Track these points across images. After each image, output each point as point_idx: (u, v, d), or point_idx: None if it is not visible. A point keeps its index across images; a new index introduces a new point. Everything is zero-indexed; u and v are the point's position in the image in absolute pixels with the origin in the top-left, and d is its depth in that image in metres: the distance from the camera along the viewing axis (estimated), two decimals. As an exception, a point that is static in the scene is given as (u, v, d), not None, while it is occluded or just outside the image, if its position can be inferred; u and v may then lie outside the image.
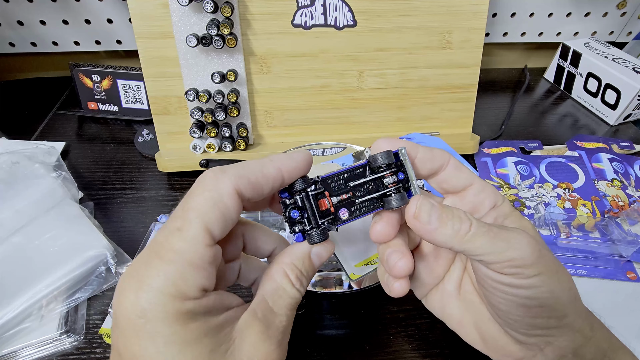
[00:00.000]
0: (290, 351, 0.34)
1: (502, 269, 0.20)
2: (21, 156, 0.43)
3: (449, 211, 0.21)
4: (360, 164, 0.22)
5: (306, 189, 0.21)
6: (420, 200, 0.21)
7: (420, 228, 0.21)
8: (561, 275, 0.21)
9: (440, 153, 0.23)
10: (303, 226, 0.22)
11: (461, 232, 0.20)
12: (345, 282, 0.35)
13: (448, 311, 0.26)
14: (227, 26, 0.42)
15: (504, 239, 0.20)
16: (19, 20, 0.60)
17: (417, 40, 0.49)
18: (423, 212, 0.21)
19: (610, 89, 0.60)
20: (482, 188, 0.23)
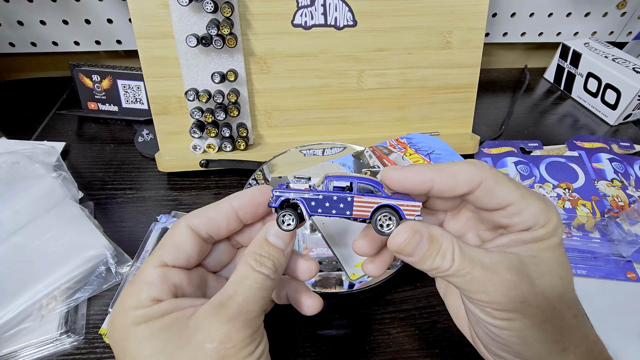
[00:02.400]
0: (291, 351, 0.34)
1: (477, 305, 0.21)
2: (21, 156, 0.43)
3: (436, 246, 0.21)
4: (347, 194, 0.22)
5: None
6: (408, 234, 0.21)
7: (402, 258, 0.22)
8: (548, 325, 0.20)
9: (467, 177, 0.21)
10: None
11: (439, 271, 0.21)
12: (345, 282, 0.35)
13: (448, 300, 0.27)
14: (227, 26, 0.42)
15: (481, 283, 0.20)
16: (19, 20, 0.60)
17: (417, 40, 0.49)
18: (408, 248, 0.21)
19: (610, 89, 0.60)
20: (520, 209, 0.21)
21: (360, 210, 0.22)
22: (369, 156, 0.45)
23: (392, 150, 0.46)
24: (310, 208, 0.22)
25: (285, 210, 0.22)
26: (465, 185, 0.21)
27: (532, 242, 0.21)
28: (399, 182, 0.22)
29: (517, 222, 0.21)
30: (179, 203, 0.47)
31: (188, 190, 0.49)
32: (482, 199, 0.21)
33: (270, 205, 0.22)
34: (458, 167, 0.21)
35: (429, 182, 0.22)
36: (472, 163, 0.21)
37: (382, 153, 0.46)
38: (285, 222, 0.22)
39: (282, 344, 0.35)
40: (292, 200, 0.22)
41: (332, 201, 0.21)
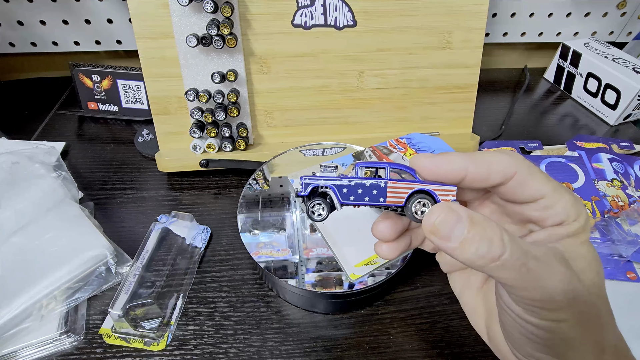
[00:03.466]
0: (291, 351, 0.34)
1: (521, 303, 0.18)
2: (21, 156, 0.43)
3: (479, 229, 0.18)
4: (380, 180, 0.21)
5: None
6: (443, 211, 0.18)
7: (437, 244, 0.19)
8: (591, 324, 0.19)
9: (501, 166, 0.20)
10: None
11: (486, 259, 0.17)
12: (345, 282, 0.35)
13: (465, 298, 0.25)
14: (227, 26, 0.42)
15: (536, 276, 0.17)
16: (19, 20, 0.60)
17: (417, 40, 0.49)
18: (443, 228, 0.18)
19: (610, 89, 0.60)
20: (553, 202, 0.20)
21: (394, 196, 0.20)
22: (369, 156, 0.45)
23: (392, 151, 0.46)
24: (342, 196, 0.20)
25: (315, 199, 0.20)
26: (500, 175, 0.20)
27: (568, 237, 0.20)
28: (431, 170, 0.21)
29: (548, 216, 0.20)
30: (179, 203, 0.47)
31: (188, 190, 0.49)
32: (514, 191, 0.20)
33: (299, 194, 0.21)
34: (492, 157, 0.20)
35: (462, 171, 0.20)
36: (506, 153, 0.20)
37: (382, 153, 0.46)
38: (316, 212, 0.20)
39: (282, 344, 0.35)
40: (322, 188, 0.20)
41: (364, 188, 0.20)
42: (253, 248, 0.37)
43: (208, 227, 0.44)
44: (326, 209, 0.20)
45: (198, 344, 0.35)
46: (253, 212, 0.40)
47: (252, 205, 0.41)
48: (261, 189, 0.43)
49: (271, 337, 0.35)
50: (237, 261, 0.41)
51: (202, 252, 0.41)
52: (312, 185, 0.20)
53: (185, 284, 0.38)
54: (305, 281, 0.35)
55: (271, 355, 0.34)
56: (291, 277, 0.35)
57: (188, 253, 0.41)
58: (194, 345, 0.35)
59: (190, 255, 0.40)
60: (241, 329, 0.36)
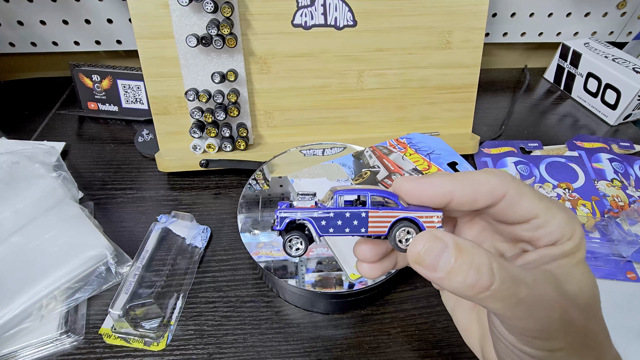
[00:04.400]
0: (291, 351, 0.34)
1: (516, 334, 0.18)
2: (21, 156, 0.43)
3: (467, 258, 0.17)
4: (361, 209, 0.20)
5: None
6: (428, 240, 0.18)
7: (423, 273, 0.18)
8: (588, 349, 0.18)
9: (489, 188, 0.19)
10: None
11: (474, 290, 0.16)
12: (345, 282, 0.35)
13: (457, 315, 0.25)
14: (227, 26, 0.42)
15: (529, 306, 0.17)
16: (19, 20, 0.60)
17: (417, 40, 0.49)
18: (429, 257, 0.17)
19: (610, 89, 0.60)
20: (546, 221, 0.19)
21: (376, 226, 0.19)
22: (369, 156, 0.45)
23: (392, 150, 0.46)
24: (321, 228, 0.19)
25: (292, 234, 0.19)
26: (488, 197, 0.19)
27: (562, 258, 0.19)
28: (415, 194, 0.20)
29: (541, 236, 0.19)
30: (179, 203, 0.47)
31: (188, 190, 0.49)
32: (504, 212, 0.19)
33: (274, 229, 0.20)
34: (480, 178, 0.19)
35: (448, 195, 0.19)
36: (493, 173, 0.19)
37: (382, 153, 0.46)
38: (294, 247, 0.19)
39: (282, 344, 0.35)
40: (299, 220, 0.19)
41: (344, 218, 0.19)
42: (253, 248, 0.37)
43: (208, 227, 0.44)
44: (304, 242, 0.19)
45: (198, 344, 0.35)
46: (253, 212, 0.40)
47: (252, 205, 0.41)
48: (261, 189, 0.43)
49: (271, 337, 0.35)
50: (237, 261, 0.41)
51: (202, 252, 0.41)
52: (289, 219, 0.19)
53: (185, 284, 0.38)
54: (305, 281, 0.35)
55: (271, 355, 0.34)
56: (291, 277, 0.35)
57: (188, 253, 0.41)
58: (194, 345, 0.35)
59: (190, 255, 0.40)
60: (241, 329, 0.36)
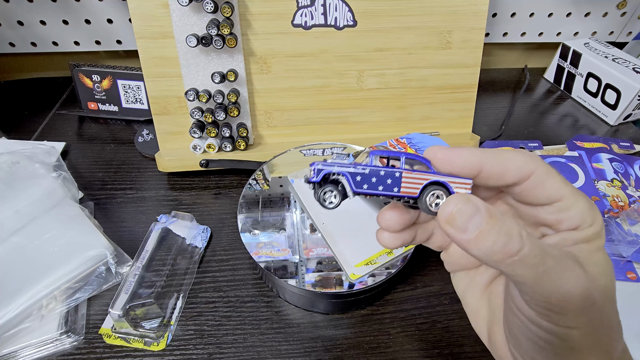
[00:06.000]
0: (291, 351, 0.34)
1: (534, 305, 0.17)
2: (21, 156, 0.43)
3: (497, 223, 0.17)
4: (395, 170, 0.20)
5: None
6: (460, 201, 0.18)
7: (452, 235, 0.18)
8: (603, 333, 0.18)
9: (519, 165, 0.19)
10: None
11: (503, 254, 0.17)
12: (345, 282, 0.35)
13: (467, 298, 0.25)
14: (227, 26, 0.42)
15: (554, 277, 0.17)
16: (19, 20, 0.60)
17: (417, 40, 0.49)
18: (460, 218, 0.17)
19: (610, 89, 0.60)
20: (569, 205, 0.19)
21: (409, 186, 0.19)
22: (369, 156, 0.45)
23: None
24: (355, 184, 0.19)
25: (327, 186, 0.19)
26: (516, 174, 0.19)
27: (583, 242, 0.19)
28: (446, 162, 0.20)
29: (564, 219, 0.19)
30: (179, 203, 0.47)
31: (188, 190, 0.49)
32: (530, 192, 0.19)
33: (310, 180, 0.20)
34: (510, 154, 0.19)
35: (478, 166, 0.19)
36: (524, 152, 0.19)
37: (382, 153, 0.46)
38: (327, 199, 0.20)
39: (282, 344, 0.35)
40: (335, 174, 0.19)
41: (379, 176, 0.19)
42: (253, 248, 0.37)
43: (208, 227, 0.44)
44: (338, 196, 0.19)
45: (198, 344, 0.35)
46: (253, 212, 0.40)
47: (252, 205, 0.41)
48: (261, 189, 0.43)
49: (271, 337, 0.35)
50: (237, 261, 0.41)
51: (202, 252, 0.41)
52: (324, 172, 0.19)
53: (185, 283, 0.38)
54: (305, 281, 0.35)
55: (271, 355, 0.34)
56: (291, 277, 0.35)
57: (188, 253, 0.41)
58: (194, 345, 0.35)
59: (190, 255, 0.40)
60: (241, 329, 0.36)
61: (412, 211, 0.22)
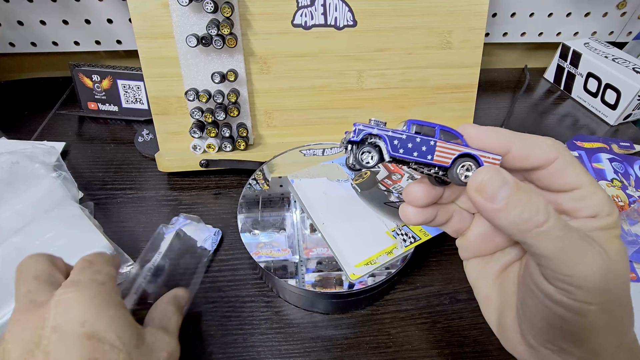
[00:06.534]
0: (291, 351, 0.34)
1: (555, 280, 0.18)
2: (21, 156, 0.43)
3: (524, 195, 0.18)
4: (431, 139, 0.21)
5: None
6: (491, 171, 0.18)
7: (481, 204, 0.18)
8: (617, 316, 0.19)
9: (545, 149, 0.20)
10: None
11: (529, 224, 0.17)
12: (345, 282, 0.35)
13: (480, 285, 0.25)
14: (227, 26, 0.42)
15: (577, 251, 0.17)
16: (19, 20, 0.60)
17: (417, 40, 0.49)
18: (490, 187, 0.18)
19: (610, 89, 0.60)
20: (588, 194, 0.20)
21: (442, 156, 0.20)
22: (369, 156, 0.45)
23: (392, 150, 0.46)
24: (393, 147, 0.20)
25: (366, 147, 0.20)
26: (541, 158, 0.20)
27: (600, 230, 0.19)
28: (478, 139, 0.21)
29: (582, 207, 0.20)
30: (179, 203, 0.47)
31: (188, 190, 0.49)
32: (551, 177, 0.20)
33: (350, 140, 0.21)
34: (536, 139, 0.20)
35: (507, 146, 0.20)
36: (549, 138, 0.20)
37: (382, 153, 0.46)
38: (365, 159, 0.20)
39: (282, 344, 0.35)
40: (372, 137, 0.20)
41: (415, 142, 0.20)
42: (253, 248, 0.37)
43: (219, 230, 0.43)
44: (375, 157, 0.20)
45: (198, 344, 0.35)
46: (253, 212, 0.40)
47: (252, 205, 0.41)
48: (261, 189, 0.43)
49: (271, 337, 0.35)
50: (237, 261, 0.41)
51: (211, 256, 0.41)
52: (365, 133, 0.20)
53: (193, 283, 0.38)
54: (305, 281, 0.35)
55: (271, 355, 0.34)
56: (291, 277, 0.35)
57: (197, 256, 0.40)
58: (194, 345, 0.35)
59: (199, 258, 0.40)
60: (241, 329, 0.36)
61: (437, 188, 0.23)
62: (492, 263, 0.24)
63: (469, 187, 0.19)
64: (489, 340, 0.35)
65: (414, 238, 0.37)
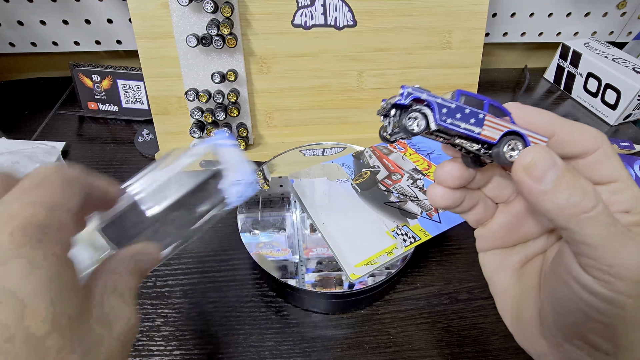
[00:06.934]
0: (291, 351, 0.34)
1: (593, 270, 0.17)
2: (21, 156, 0.43)
3: (573, 178, 0.17)
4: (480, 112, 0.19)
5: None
6: (541, 151, 0.18)
7: (527, 185, 0.18)
8: None
9: (589, 137, 0.19)
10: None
11: (577, 209, 0.17)
12: (345, 282, 0.35)
13: (497, 278, 0.24)
14: (227, 26, 0.42)
15: (622, 240, 0.17)
16: (19, 20, 0.60)
17: (417, 40, 0.49)
18: (539, 167, 0.17)
19: (610, 89, 0.60)
20: (623, 188, 0.19)
21: (490, 131, 0.19)
22: (369, 156, 0.45)
23: (392, 151, 0.46)
24: (440, 115, 0.19)
25: (413, 112, 0.19)
26: (585, 145, 0.19)
27: (633, 226, 0.19)
28: (525, 118, 0.20)
29: (617, 201, 0.19)
30: (179, 203, 0.47)
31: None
32: (589, 168, 0.19)
33: (396, 103, 0.19)
34: (582, 126, 0.20)
35: (552, 129, 0.20)
36: (592, 128, 0.20)
37: (382, 153, 0.46)
38: (410, 125, 0.19)
39: (282, 344, 0.35)
40: (418, 104, 0.19)
41: (464, 113, 0.19)
42: (253, 248, 0.37)
43: (258, 181, 0.35)
44: (423, 123, 0.19)
45: (198, 344, 0.35)
46: (253, 212, 0.40)
47: (252, 205, 0.41)
48: (261, 189, 0.43)
49: (271, 337, 0.35)
50: (237, 261, 0.41)
51: (225, 212, 0.27)
52: (413, 96, 0.19)
53: (183, 237, 0.26)
54: (305, 281, 0.35)
55: (271, 355, 0.34)
56: (291, 277, 0.35)
57: (213, 197, 0.27)
58: (194, 346, 0.35)
59: (213, 202, 0.27)
60: (241, 329, 0.36)
61: (470, 170, 0.22)
62: (512, 256, 0.24)
63: (517, 166, 0.18)
64: (488, 340, 0.35)
65: (414, 238, 0.37)
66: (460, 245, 0.42)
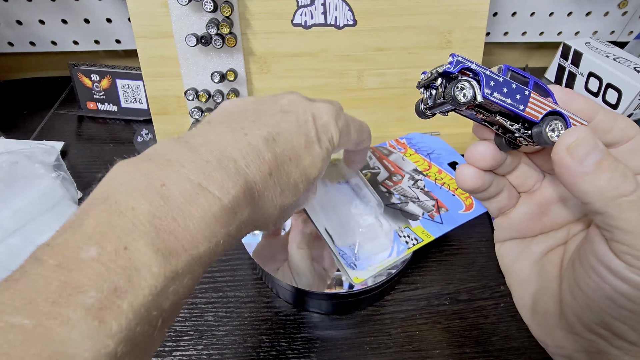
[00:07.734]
0: (291, 351, 0.34)
1: (626, 256, 0.17)
2: (20, 156, 0.43)
3: (614, 161, 0.17)
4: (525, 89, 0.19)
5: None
6: (585, 132, 0.18)
7: (567, 166, 0.18)
8: None
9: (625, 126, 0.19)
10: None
11: (616, 192, 0.17)
12: (345, 282, 0.35)
13: (516, 268, 0.24)
14: (227, 25, 0.42)
15: None
16: (17, 20, 0.60)
17: (417, 39, 0.48)
18: (582, 147, 0.17)
19: (611, 88, 0.60)
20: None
21: (534, 109, 0.19)
22: (369, 157, 0.45)
23: (392, 151, 0.46)
24: (488, 87, 0.18)
25: (462, 81, 0.18)
26: (622, 133, 0.19)
27: None
28: (565, 100, 0.20)
29: None
30: (179, 203, 0.47)
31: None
32: (623, 156, 0.19)
33: (445, 71, 0.19)
34: (618, 114, 0.20)
35: (592, 114, 0.20)
36: (627, 117, 0.20)
37: (382, 154, 0.46)
38: (458, 94, 0.18)
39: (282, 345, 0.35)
40: (464, 76, 0.19)
41: (510, 88, 0.19)
42: (253, 248, 0.37)
43: None
44: (470, 94, 0.18)
45: (198, 345, 0.35)
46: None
47: (252, 206, 0.41)
48: (261, 189, 0.43)
49: (271, 337, 0.35)
50: (237, 261, 0.41)
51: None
52: (463, 65, 0.19)
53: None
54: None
55: (271, 355, 0.34)
56: (291, 277, 0.35)
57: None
58: (194, 346, 0.34)
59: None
60: (241, 329, 0.36)
61: (501, 153, 0.22)
62: (532, 246, 0.24)
63: (559, 145, 0.18)
64: (489, 341, 0.35)
65: (416, 240, 0.37)
66: (461, 246, 0.42)
